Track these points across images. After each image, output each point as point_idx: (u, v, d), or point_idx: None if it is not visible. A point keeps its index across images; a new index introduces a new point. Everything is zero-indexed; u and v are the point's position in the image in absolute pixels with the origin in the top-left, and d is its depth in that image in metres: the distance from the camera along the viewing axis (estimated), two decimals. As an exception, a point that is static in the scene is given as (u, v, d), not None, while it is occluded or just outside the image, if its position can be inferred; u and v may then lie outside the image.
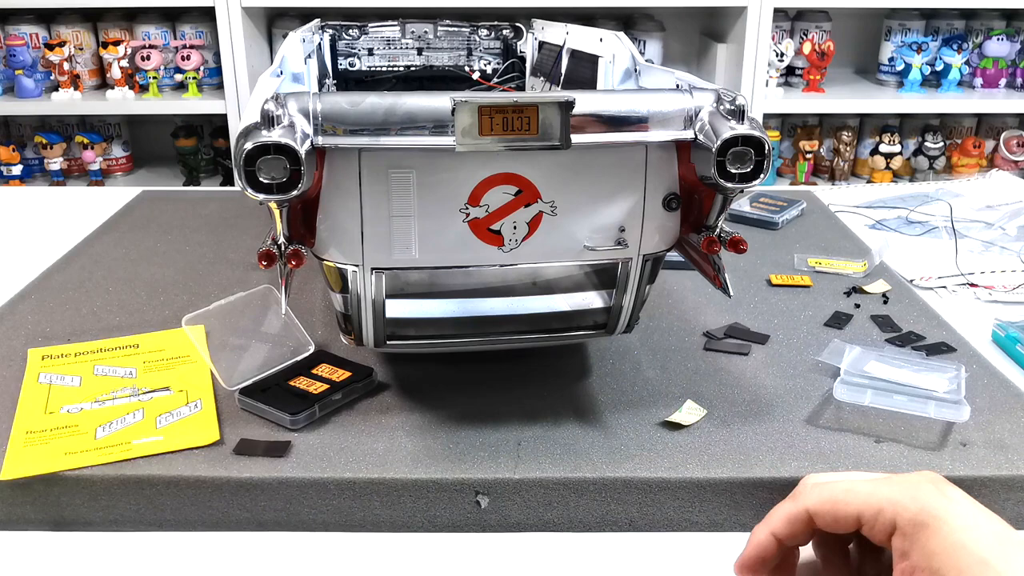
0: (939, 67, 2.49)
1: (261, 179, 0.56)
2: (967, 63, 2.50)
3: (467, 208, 0.63)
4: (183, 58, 2.39)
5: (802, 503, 0.47)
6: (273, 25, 2.46)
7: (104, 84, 2.49)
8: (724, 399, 0.73)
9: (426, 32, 1.24)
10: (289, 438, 0.67)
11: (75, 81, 2.41)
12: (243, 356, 0.76)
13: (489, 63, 1.26)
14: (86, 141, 2.47)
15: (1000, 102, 2.49)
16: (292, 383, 0.72)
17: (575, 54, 1.07)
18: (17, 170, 2.45)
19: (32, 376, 0.75)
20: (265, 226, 0.64)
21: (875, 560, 0.49)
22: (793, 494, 0.49)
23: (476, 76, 1.25)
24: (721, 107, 0.62)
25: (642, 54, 2.43)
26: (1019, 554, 0.41)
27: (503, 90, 1.23)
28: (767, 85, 2.39)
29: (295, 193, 0.57)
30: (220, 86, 2.36)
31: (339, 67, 1.24)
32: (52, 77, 2.40)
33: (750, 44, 2.30)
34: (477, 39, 1.25)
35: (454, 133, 0.58)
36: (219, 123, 2.50)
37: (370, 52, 1.25)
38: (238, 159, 0.56)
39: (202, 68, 2.41)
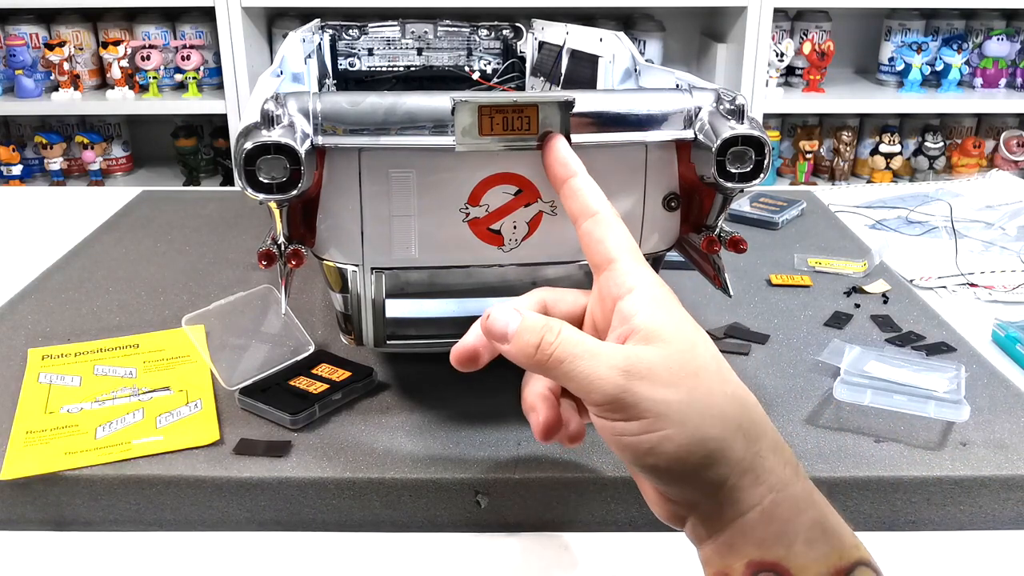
0: (939, 67, 2.49)
1: (261, 179, 0.56)
2: (967, 63, 2.50)
3: (467, 208, 0.63)
4: (183, 58, 2.39)
5: (539, 292, 0.53)
6: (273, 25, 2.46)
7: (104, 84, 2.49)
8: (724, 399, 0.72)
9: (426, 32, 1.24)
10: (289, 438, 0.67)
11: (75, 81, 2.41)
12: (243, 356, 0.76)
13: (489, 63, 1.26)
14: (86, 141, 2.47)
15: (1000, 102, 2.50)
16: (292, 383, 0.72)
17: (575, 54, 1.07)
18: (17, 170, 2.45)
19: (32, 376, 0.75)
20: (265, 226, 0.64)
21: None
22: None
23: (476, 76, 1.25)
24: (721, 107, 0.62)
25: (642, 54, 2.43)
26: (713, 347, 0.47)
27: (503, 90, 1.23)
28: (767, 85, 2.39)
29: (295, 193, 0.57)
30: (220, 86, 2.36)
31: (339, 67, 1.24)
32: (52, 77, 2.40)
33: (750, 44, 2.30)
34: (477, 39, 1.25)
35: (454, 133, 0.58)
36: (219, 123, 2.50)
37: (370, 52, 1.25)
38: (238, 159, 0.56)
39: (202, 68, 2.41)
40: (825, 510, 0.44)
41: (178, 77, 2.42)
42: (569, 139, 0.59)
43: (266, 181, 0.56)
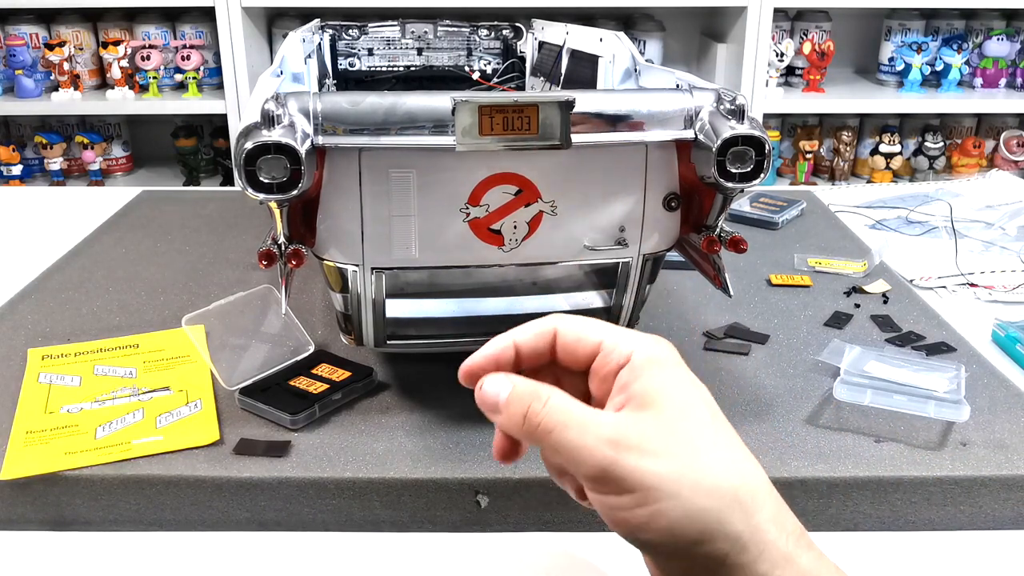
0: (939, 67, 2.49)
1: (261, 179, 0.56)
2: (967, 63, 2.50)
3: (467, 208, 0.63)
4: (183, 58, 2.39)
5: (552, 320, 0.48)
6: (273, 25, 2.46)
7: (104, 84, 2.49)
8: (724, 399, 0.73)
9: (426, 32, 1.24)
10: (289, 438, 0.67)
11: (75, 81, 2.41)
12: (243, 356, 0.76)
13: (489, 63, 1.26)
14: (86, 141, 2.47)
15: (1000, 102, 2.50)
16: (292, 383, 0.72)
17: (575, 54, 1.07)
18: (17, 170, 2.45)
19: (32, 376, 0.75)
20: (265, 226, 0.64)
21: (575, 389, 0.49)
22: (541, 319, 0.50)
23: (476, 76, 1.25)
24: (721, 107, 0.62)
25: (642, 54, 2.42)
26: (715, 410, 0.44)
27: (503, 90, 1.23)
28: (767, 85, 2.39)
29: (295, 193, 0.57)
30: (220, 86, 2.36)
31: (339, 67, 1.24)
32: (52, 77, 2.40)
33: (750, 44, 2.30)
34: (477, 39, 1.25)
35: (454, 133, 0.58)
36: (219, 123, 2.50)
37: (370, 52, 1.25)
38: (238, 159, 0.56)
39: (202, 68, 2.41)
40: None
41: (178, 77, 2.42)
42: (569, 140, 0.59)
43: (266, 181, 0.56)
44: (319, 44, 1.18)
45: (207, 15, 2.36)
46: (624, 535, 0.42)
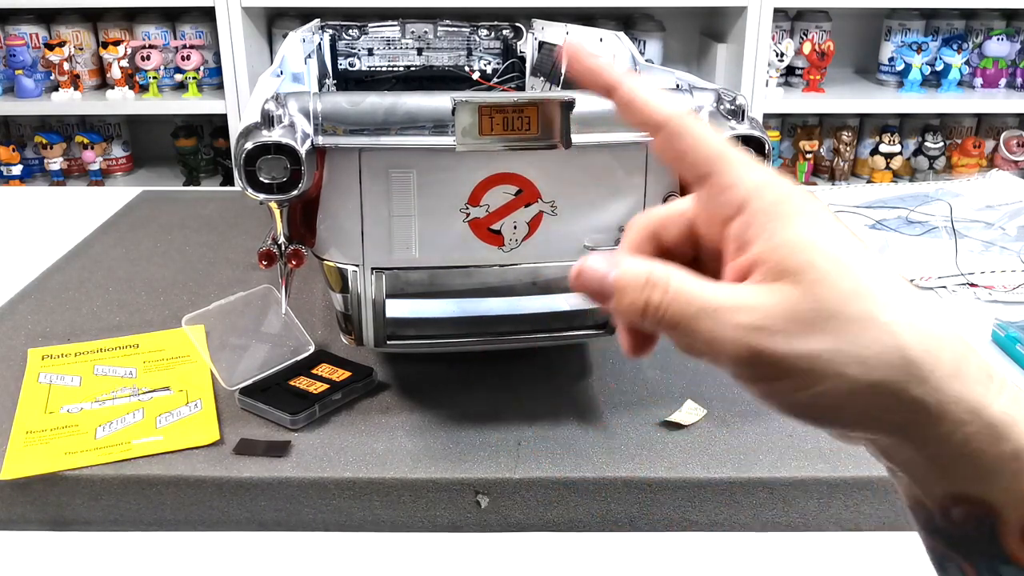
0: (939, 67, 2.49)
1: (261, 179, 0.56)
2: (967, 63, 2.50)
3: (467, 208, 0.63)
4: (183, 58, 2.39)
5: (672, 110, 0.39)
6: (273, 25, 2.46)
7: (104, 84, 2.49)
8: (724, 399, 0.73)
9: (426, 32, 1.24)
10: (289, 438, 0.67)
11: (75, 81, 2.41)
12: (243, 356, 0.76)
13: (489, 63, 1.26)
14: (86, 141, 2.47)
15: (1000, 102, 2.49)
16: (292, 383, 0.72)
17: (575, 54, 1.07)
18: (17, 170, 2.45)
19: (32, 376, 0.75)
20: (265, 226, 0.64)
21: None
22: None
23: (476, 76, 1.25)
24: (721, 107, 0.62)
25: (642, 54, 2.42)
26: (870, 259, 0.36)
27: (503, 90, 1.23)
28: (767, 85, 2.39)
29: (295, 193, 0.57)
30: (220, 86, 2.36)
31: (339, 67, 1.24)
32: (52, 77, 2.40)
33: (750, 44, 2.30)
34: (477, 39, 1.25)
35: (454, 133, 0.58)
36: (219, 123, 2.50)
37: (370, 52, 1.25)
38: (238, 159, 0.56)
39: (202, 68, 2.41)
40: None
41: (178, 77, 2.42)
42: (569, 140, 0.59)
43: (266, 181, 0.56)
44: (319, 44, 1.18)
45: (207, 15, 2.36)
46: (782, 414, 0.37)
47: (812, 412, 0.36)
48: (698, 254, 0.40)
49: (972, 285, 0.99)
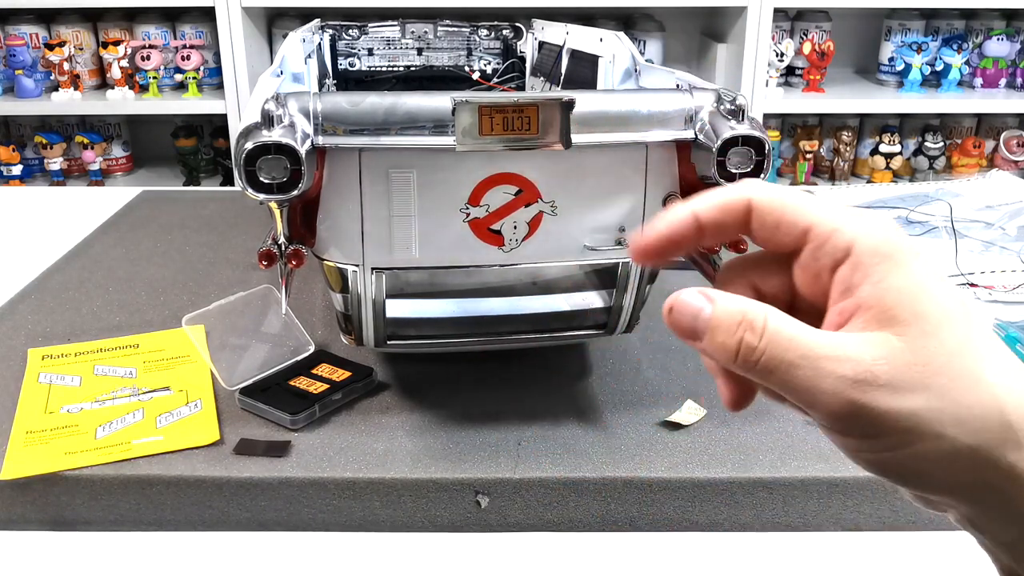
0: (939, 67, 2.49)
1: (261, 179, 0.56)
2: (967, 63, 2.50)
3: (467, 208, 0.63)
4: (183, 58, 2.39)
5: (745, 192, 0.38)
6: (273, 25, 2.46)
7: (104, 84, 2.49)
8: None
9: (426, 32, 1.24)
10: (289, 438, 0.67)
11: (75, 81, 2.41)
12: (243, 356, 0.76)
13: (489, 63, 1.26)
14: (86, 141, 2.47)
15: (1000, 102, 2.49)
16: (292, 383, 0.72)
17: (575, 54, 1.07)
18: (17, 170, 2.45)
19: (32, 376, 0.75)
20: (265, 226, 0.64)
21: (778, 279, 0.40)
22: (730, 186, 0.40)
23: (476, 76, 1.25)
24: (721, 107, 0.62)
25: (642, 54, 2.42)
26: (974, 314, 0.35)
27: (503, 90, 1.23)
28: (767, 85, 2.39)
29: (295, 193, 0.57)
30: (220, 86, 2.36)
31: (339, 67, 1.24)
32: (52, 77, 2.40)
33: (750, 44, 2.30)
34: (477, 39, 1.25)
35: (454, 133, 0.58)
36: (219, 123, 2.50)
37: (370, 52, 1.25)
38: (238, 159, 0.56)
39: (202, 68, 2.41)
40: None
41: (178, 77, 2.42)
42: (569, 140, 0.59)
43: (267, 181, 0.56)
44: (319, 44, 1.18)
45: (207, 15, 2.36)
46: (871, 472, 0.36)
47: (902, 471, 0.35)
48: (794, 302, 0.38)
49: (972, 285, 0.99)
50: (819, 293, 0.37)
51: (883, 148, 2.51)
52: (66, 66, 2.37)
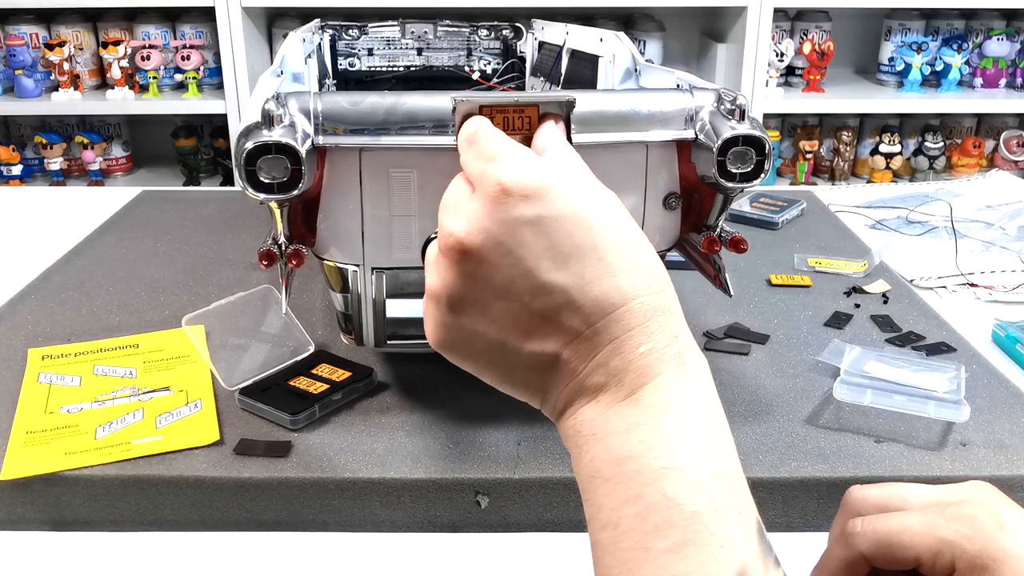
0: (939, 67, 2.49)
1: (262, 179, 0.56)
2: (967, 63, 2.50)
3: (467, 208, 0.62)
4: (183, 58, 2.39)
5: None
6: (273, 25, 2.46)
7: (104, 84, 2.49)
8: (724, 399, 0.72)
9: (426, 32, 1.24)
10: (289, 438, 0.67)
11: (75, 81, 2.41)
12: (243, 356, 0.76)
13: (489, 63, 1.26)
14: (86, 141, 2.47)
15: (1000, 102, 2.49)
16: (292, 383, 0.72)
17: (575, 54, 1.07)
18: (17, 170, 2.45)
19: (32, 376, 0.75)
20: (265, 226, 0.64)
21: None
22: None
23: (476, 76, 1.25)
24: (721, 107, 0.62)
25: (642, 54, 2.42)
26: None
27: (503, 90, 1.23)
28: (767, 85, 2.39)
29: (296, 193, 0.57)
30: (220, 86, 2.36)
31: (339, 67, 1.24)
32: (52, 77, 2.40)
33: (750, 44, 2.30)
34: (477, 39, 1.25)
35: (454, 133, 0.58)
36: (219, 123, 2.50)
37: (370, 52, 1.25)
38: (239, 159, 0.56)
39: (202, 68, 2.41)
40: None
41: (178, 77, 2.42)
42: (570, 139, 0.59)
43: (267, 181, 0.56)
44: (319, 44, 1.18)
45: (207, 15, 2.36)
46: None
47: None
48: None
49: (972, 285, 0.99)
50: None
51: (883, 148, 2.51)
52: (66, 66, 2.37)
